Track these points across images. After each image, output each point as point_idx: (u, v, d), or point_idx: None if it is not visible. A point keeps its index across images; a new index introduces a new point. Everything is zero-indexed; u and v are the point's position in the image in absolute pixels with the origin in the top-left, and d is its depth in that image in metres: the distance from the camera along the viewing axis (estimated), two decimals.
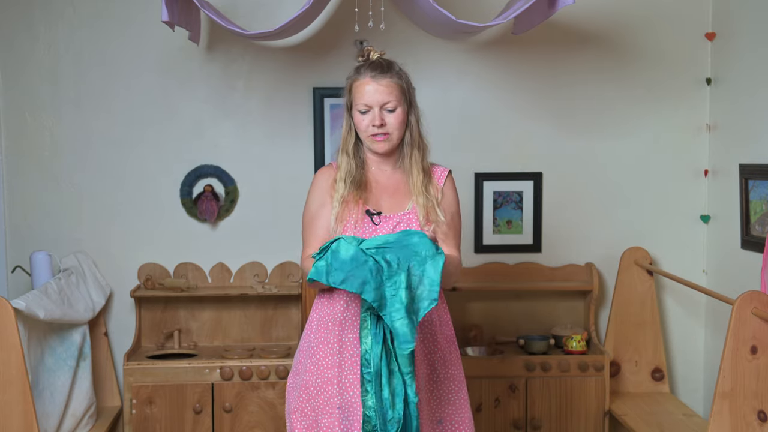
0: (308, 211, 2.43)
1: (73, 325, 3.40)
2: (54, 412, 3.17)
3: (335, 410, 2.29)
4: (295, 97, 3.80)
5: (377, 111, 2.30)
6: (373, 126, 2.31)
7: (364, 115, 2.32)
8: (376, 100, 2.30)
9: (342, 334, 2.30)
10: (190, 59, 3.75)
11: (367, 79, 2.32)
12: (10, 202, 3.75)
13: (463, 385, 2.43)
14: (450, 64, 3.82)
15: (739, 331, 2.57)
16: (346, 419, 2.27)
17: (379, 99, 2.30)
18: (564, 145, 3.86)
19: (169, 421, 3.49)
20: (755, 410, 2.59)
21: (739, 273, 3.52)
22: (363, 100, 2.31)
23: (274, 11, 3.70)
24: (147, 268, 3.80)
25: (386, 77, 2.32)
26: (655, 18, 3.82)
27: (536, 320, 3.88)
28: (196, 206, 3.80)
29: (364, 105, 2.31)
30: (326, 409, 2.31)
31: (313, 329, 2.38)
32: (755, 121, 3.42)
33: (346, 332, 2.30)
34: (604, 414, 3.62)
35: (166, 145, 3.79)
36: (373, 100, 2.30)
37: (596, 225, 3.90)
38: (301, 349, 2.43)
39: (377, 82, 2.31)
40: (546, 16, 3.08)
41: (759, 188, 3.36)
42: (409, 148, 2.39)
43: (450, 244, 2.40)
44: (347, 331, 2.30)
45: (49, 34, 3.70)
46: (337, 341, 2.31)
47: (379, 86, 2.30)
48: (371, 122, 2.31)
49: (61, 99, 3.74)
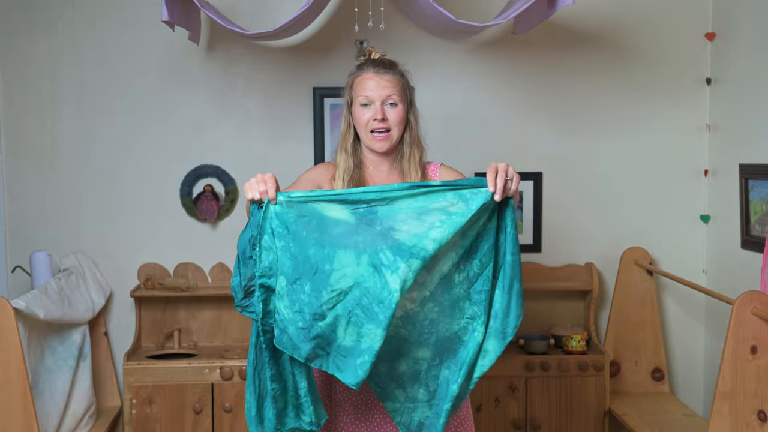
0: (293, 184, 2.38)
1: (73, 325, 3.40)
2: (54, 412, 3.17)
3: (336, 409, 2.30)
4: (295, 97, 3.80)
5: (379, 105, 2.30)
6: (374, 120, 2.30)
7: (365, 108, 2.31)
8: (378, 95, 2.30)
9: None
10: (190, 59, 3.75)
11: (370, 74, 2.32)
12: (10, 202, 3.75)
13: None
14: (450, 64, 3.82)
15: (739, 331, 2.57)
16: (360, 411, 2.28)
17: (381, 93, 2.30)
18: (564, 145, 3.86)
19: (169, 421, 3.49)
20: (755, 410, 2.59)
21: (739, 273, 3.52)
22: (365, 93, 2.30)
23: (274, 11, 3.70)
24: (147, 268, 3.80)
25: (389, 73, 2.32)
26: (655, 18, 3.82)
27: (536, 320, 3.88)
28: (196, 206, 3.80)
29: (365, 97, 2.30)
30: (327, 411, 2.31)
31: None
32: (755, 121, 3.42)
33: None
34: (604, 414, 3.62)
35: (166, 145, 3.79)
36: (375, 94, 2.30)
37: (596, 225, 3.90)
38: None
39: (380, 77, 2.31)
40: (546, 16, 3.08)
41: (759, 188, 3.37)
42: (408, 147, 2.38)
43: None
44: None
45: (49, 34, 3.71)
46: None
47: (382, 81, 2.30)
48: (373, 116, 2.30)
49: (61, 99, 3.74)
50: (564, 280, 3.88)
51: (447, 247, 1.99)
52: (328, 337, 1.97)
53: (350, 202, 2.00)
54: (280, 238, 1.98)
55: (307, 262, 1.96)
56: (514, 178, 2.05)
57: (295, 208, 1.99)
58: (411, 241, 1.95)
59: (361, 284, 1.95)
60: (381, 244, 1.96)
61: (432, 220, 1.98)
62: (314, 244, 1.97)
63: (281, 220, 1.99)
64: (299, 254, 1.97)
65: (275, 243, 1.98)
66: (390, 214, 1.99)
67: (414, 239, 1.95)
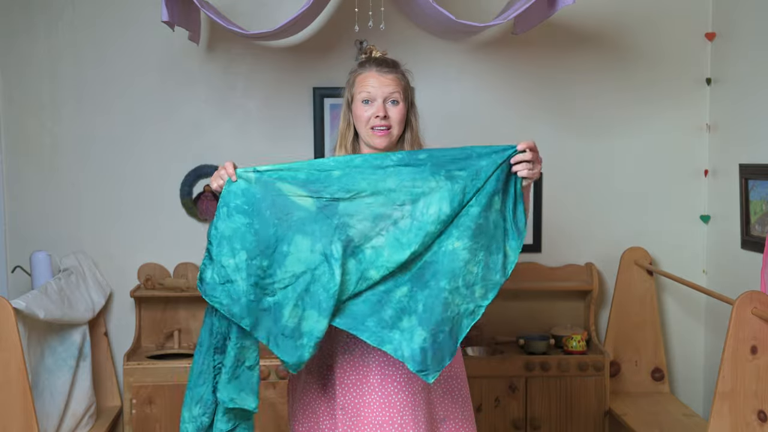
0: None
1: (73, 325, 3.40)
2: (54, 412, 3.17)
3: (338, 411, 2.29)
4: (295, 97, 3.80)
5: (381, 102, 2.30)
6: (376, 117, 2.30)
7: (367, 105, 2.31)
8: (380, 92, 2.29)
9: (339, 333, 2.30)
10: (190, 59, 3.75)
11: (372, 72, 2.31)
12: (10, 202, 3.75)
13: (466, 382, 2.43)
14: (450, 64, 3.82)
15: (739, 331, 2.57)
16: (350, 420, 2.27)
17: (383, 91, 2.29)
18: (564, 145, 3.86)
19: (169, 421, 3.49)
20: (755, 410, 2.59)
21: (739, 273, 3.52)
22: (367, 90, 2.30)
23: (274, 11, 3.70)
24: (147, 268, 3.80)
25: (392, 72, 2.32)
26: (655, 18, 3.82)
27: (536, 320, 3.88)
28: (196, 206, 3.80)
29: (367, 94, 2.30)
30: (328, 411, 2.31)
31: None
32: (755, 121, 3.42)
33: (343, 331, 2.29)
34: (604, 414, 3.62)
35: (166, 145, 3.79)
36: (377, 91, 2.29)
37: (596, 225, 3.90)
38: None
39: (383, 75, 2.30)
40: (546, 16, 3.08)
41: (759, 188, 3.37)
42: (408, 146, 2.38)
43: None
44: (345, 331, 2.29)
45: (49, 34, 3.71)
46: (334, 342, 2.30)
47: (384, 78, 2.30)
48: (374, 113, 2.30)
49: (61, 99, 3.74)
50: (564, 280, 3.88)
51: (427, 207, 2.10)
52: (275, 315, 2.08)
53: (313, 191, 2.11)
54: (245, 214, 2.09)
55: (269, 241, 2.08)
56: (537, 162, 2.15)
57: (260, 184, 2.12)
58: (359, 241, 2.09)
59: (312, 271, 2.08)
60: (334, 237, 2.08)
61: (382, 226, 2.10)
62: (276, 225, 2.09)
63: (247, 197, 2.11)
64: (262, 232, 2.08)
65: (238, 220, 2.09)
66: (349, 211, 2.10)
67: (362, 240, 2.10)
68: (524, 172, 2.15)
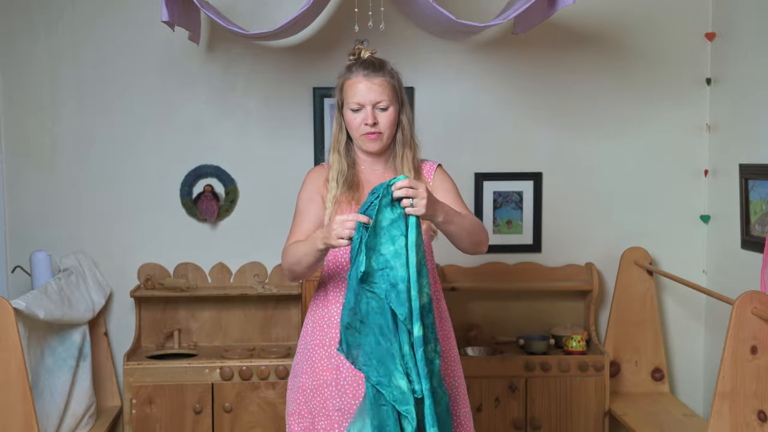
0: (297, 205, 2.44)
1: (73, 325, 3.40)
2: (54, 412, 3.17)
3: (334, 412, 2.29)
4: (295, 97, 3.80)
5: (370, 109, 2.30)
6: (365, 125, 2.30)
7: (356, 113, 2.31)
8: (368, 99, 2.29)
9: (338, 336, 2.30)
10: (190, 59, 3.75)
11: (360, 78, 2.31)
12: (10, 202, 3.75)
13: (463, 384, 2.43)
14: (450, 64, 3.82)
15: (739, 331, 2.57)
16: (346, 421, 2.27)
17: (371, 98, 2.29)
18: (564, 145, 3.86)
19: (169, 421, 3.49)
20: (755, 410, 2.59)
21: (739, 273, 3.52)
22: (355, 99, 2.30)
23: (274, 11, 3.70)
24: (147, 268, 3.80)
25: (379, 76, 2.31)
26: (655, 18, 3.82)
27: (536, 320, 3.88)
28: (196, 206, 3.80)
29: (356, 103, 2.30)
30: (323, 412, 2.30)
31: (309, 331, 2.38)
32: (755, 121, 3.42)
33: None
34: (604, 414, 3.62)
35: (166, 145, 3.79)
36: (365, 98, 2.29)
37: (596, 225, 3.90)
38: (298, 351, 2.42)
39: (370, 80, 2.30)
40: (546, 16, 3.08)
41: (759, 188, 3.37)
42: (400, 147, 2.38)
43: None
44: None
45: (49, 35, 3.71)
46: (333, 343, 2.30)
47: (371, 85, 2.30)
48: (363, 121, 2.30)
49: (61, 99, 3.74)
50: (564, 280, 3.88)
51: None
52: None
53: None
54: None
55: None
56: (417, 198, 2.04)
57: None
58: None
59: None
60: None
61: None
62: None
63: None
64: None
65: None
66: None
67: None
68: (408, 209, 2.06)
